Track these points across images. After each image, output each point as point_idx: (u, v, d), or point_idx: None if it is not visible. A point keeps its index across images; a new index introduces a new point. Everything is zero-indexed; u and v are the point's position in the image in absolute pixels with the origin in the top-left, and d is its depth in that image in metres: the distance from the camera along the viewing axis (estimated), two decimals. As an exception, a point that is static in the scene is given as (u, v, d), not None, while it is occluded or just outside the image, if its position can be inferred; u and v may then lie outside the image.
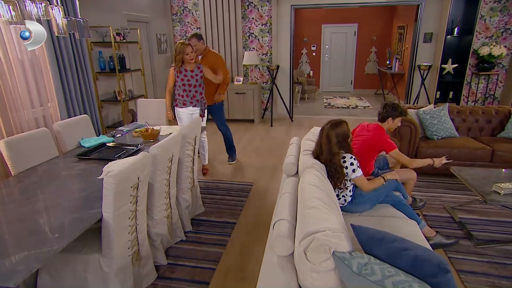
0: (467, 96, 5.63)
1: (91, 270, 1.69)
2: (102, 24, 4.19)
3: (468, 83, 5.57)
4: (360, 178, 2.12)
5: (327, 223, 1.39)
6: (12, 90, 2.97)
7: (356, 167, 2.08)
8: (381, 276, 1.18)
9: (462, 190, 3.21)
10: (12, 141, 2.20)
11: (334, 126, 2.06)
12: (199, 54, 3.46)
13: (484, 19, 5.25)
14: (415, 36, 5.65)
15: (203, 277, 2.10)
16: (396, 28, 8.26)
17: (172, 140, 2.16)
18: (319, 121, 6.23)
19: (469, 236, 2.47)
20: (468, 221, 2.68)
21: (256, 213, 2.95)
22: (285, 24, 5.91)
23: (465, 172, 2.65)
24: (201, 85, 3.43)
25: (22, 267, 1.21)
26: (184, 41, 3.26)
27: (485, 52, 5.18)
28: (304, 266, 1.28)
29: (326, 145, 2.06)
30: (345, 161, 2.07)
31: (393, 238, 1.37)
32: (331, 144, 2.05)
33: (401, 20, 7.88)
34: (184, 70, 3.34)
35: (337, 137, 2.05)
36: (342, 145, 2.07)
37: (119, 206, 1.63)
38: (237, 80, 6.07)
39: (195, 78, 3.36)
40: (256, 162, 4.14)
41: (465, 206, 2.92)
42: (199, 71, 3.37)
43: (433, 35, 5.55)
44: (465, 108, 3.81)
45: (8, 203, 1.77)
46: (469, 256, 2.26)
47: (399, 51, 7.86)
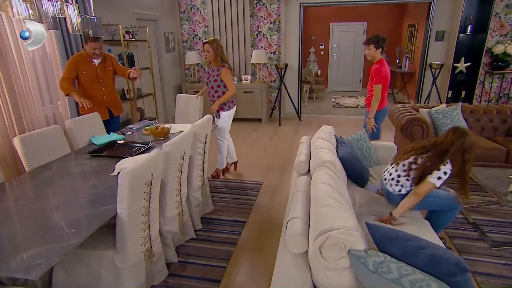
0: (480, 96, 5.57)
1: (105, 266, 1.73)
2: (111, 22, 4.25)
3: (481, 82, 5.51)
4: (430, 186, 1.97)
5: (341, 221, 1.40)
6: (24, 88, 3.03)
7: (443, 180, 1.98)
8: (397, 274, 1.18)
9: (476, 191, 3.19)
10: (27, 138, 2.26)
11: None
12: (209, 60, 3.36)
13: (499, 16, 5.18)
14: (427, 34, 5.61)
15: (214, 275, 2.12)
16: (406, 27, 8.21)
17: (184, 138, 2.19)
18: (328, 120, 6.22)
19: (484, 237, 2.46)
20: (482, 222, 2.66)
21: (266, 212, 2.97)
22: (293, 22, 5.92)
23: (479, 173, 2.63)
24: (213, 87, 3.39)
25: (41, 260, 1.24)
26: (206, 40, 3.32)
27: (499, 50, 5.12)
28: (319, 264, 1.29)
29: (457, 146, 1.94)
30: (446, 169, 1.97)
31: (408, 237, 1.37)
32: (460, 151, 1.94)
33: (411, 18, 7.82)
34: (210, 68, 3.41)
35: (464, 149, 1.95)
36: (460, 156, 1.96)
37: (133, 203, 1.66)
38: (245, 79, 6.10)
39: (210, 78, 3.39)
40: (265, 161, 4.16)
41: (479, 207, 2.90)
42: (217, 73, 3.34)
43: (445, 33, 5.51)
44: (478, 107, 3.78)
45: (23, 199, 1.82)
46: (484, 258, 2.24)
47: (409, 50, 7.80)
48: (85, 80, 3.08)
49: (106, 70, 3.19)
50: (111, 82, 3.29)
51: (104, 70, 3.18)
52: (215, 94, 3.41)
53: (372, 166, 2.91)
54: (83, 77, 3.06)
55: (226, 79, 3.33)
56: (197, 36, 6.35)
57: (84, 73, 3.05)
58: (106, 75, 3.20)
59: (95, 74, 3.12)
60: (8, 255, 1.29)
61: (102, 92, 3.19)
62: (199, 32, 6.32)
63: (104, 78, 3.19)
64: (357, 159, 2.54)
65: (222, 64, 3.32)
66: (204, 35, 6.30)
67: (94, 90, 3.14)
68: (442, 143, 1.99)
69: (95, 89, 3.14)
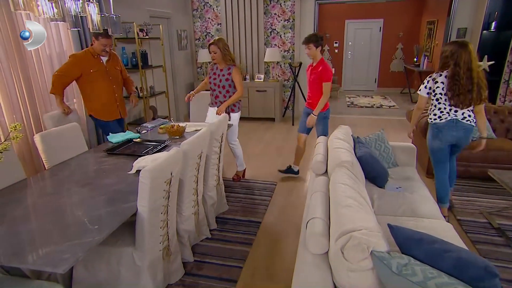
0: (504, 96, 5.46)
1: (124, 263, 1.78)
2: (125, 19, 4.34)
3: (506, 81, 5.39)
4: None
5: (362, 222, 1.41)
6: (41, 85, 3.14)
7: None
8: (422, 277, 1.19)
9: (500, 195, 3.14)
10: (46, 135, 2.34)
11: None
12: (217, 61, 3.30)
13: (526, 12, 5.07)
14: (447, 32, 5.53)
15: (231, 275, 2.16)
16: (425, 24, 8.10)
17: (201, 136, 2.24)
18: (342, 120, 6.20)
19: (509, 243, 2.42)
20: (508, 227, 2.62)
21: (281, 212, 2.99)
22: (308, 20, 5.92)
23: (505, 176, 2.59)
24: (224, 87, 3.31)
25: (68, 255, 1.30)
26: (212, 41, 3.23)
27: (525, 48, 5.01)
28: (341, 265, 1.31)
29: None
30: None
31: (433, 239, 1.37)
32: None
33: (431, 14, 7.71)
34: (216, 68, 3.36)
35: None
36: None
37: (154, 201, 1.71)
38: (258, 78, 6.13)
39: (220, 78, 3.30)
40: (278, 161, 4.18)
41: (504, 211, 2.85)
42: (227, 72, 3.28)
43: (467, 30, 5.42)
44: (503, 108, 3.71)
45: (46, 195, 1.90)
46: (510, 265, 2.21)
47: (427, 48, 7.70)
48: (95, 78, 3.01)
49: (114, 69, 3.17)
50: (121, 80, 3.26)
51: (113, 68, 3.15)
52: (227, 94, 3.34)
53: (391, 168, 2.90)
54: (92, 75, 2.98)
55: (237, 79, 3.29)
56: (209, 33, 6.42)
57: (92, 71, 2.98)
58: (115, 73, 3.17)
59: (104, 71, 3.06)
60: (36, 249, 1.36)
61: (113, 90, 3.15)
62: (212, 30, 6.38)
63: (114, 76, 3.15)
64: (375, 159, 2.55)
65: (233, 63, 3.30)
66: (216, 32, 6.37)
67: (104, 88, 3.08)
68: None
69: (105, 87, 3.09)
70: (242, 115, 6.43)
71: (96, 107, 3.11)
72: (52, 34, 3.29)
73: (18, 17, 2.85)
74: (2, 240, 1.43)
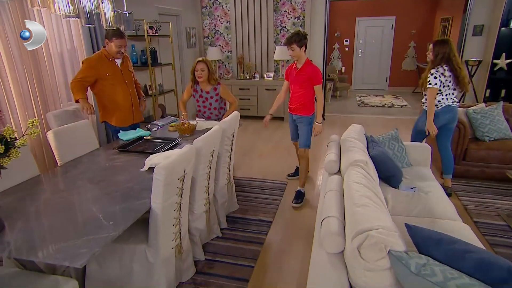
0: (522, 95, 5.37)
1: (137, 260, 1.81)
2: (135, 17, 4.36)
3: (523, 80, 5.31)
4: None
5: (379, 221, 1.41)
6: (51, 83, 3.19)
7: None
8: (442, 277, 1.18)
9: (518, 197, 3.10)
10: (59, 132, 2.39)
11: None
12: (203, 80, 3.16)
13: (545, 9, 4.98)
14: (463, 29, 5.46)
15: (242, 274, 2.17)
16: (439, 21, 8.01)
17: (213, 134, 2.26)
18: (352, 119, 6.16)
19: (528, 246, 2.39)
20: (526, 230, 2.59)
21: (292, 212, 3.00)
22: (319, 17, 5.90)
23: (523, 177, 2.56)
24: (216, 108, 3.28)
25: (84, 250, 1.33)
26: (200, 58, 3.13)
27: (544, 46, 4.93)
28: (357, 264, 1.31)
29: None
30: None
31: (453, 240, 1.36)
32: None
33: (445, 11, 7.63)
34: (200, 89, 3.25)
35: None
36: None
37: (167, 198, 1.73)
38: (267, 76, 6.14)
39: (210, 101, 3.25)
40: (289, 161, 4.18)
41: (522, 214, 2.81)
42: (215, 93, 3.22)
43: (484, 28, 5.34)
44: (522, 107, 3.66)
45: (59, 192, 1.94)
46: (528, 267, 2.18)
47: (442, 46, 7.60)
48: (111, 83, 2.86)
49: (128, 71, 3.04)
50: (134, 84, 3.12)
51: (127, 71, 3.01)
52: (221, 111, 3.34)
53: (404, 167, 2.88)
54: (107, 79, 2.84)
55: (227, 95, 3.27)
56: (218, 31, 6.45)
57: (108, 75, 2.83)
58: (130, 76, 3.04)
59: (120, 75, 2.92)
60: (53, 244, 1.39)
61: (129, 94, 2.99)
62: (221, 28, 6.41)
63: (129, 79, 3.02)
64: (389, 158, 2.53)
65: (217, 83, 3.22)
66: (225, 30, 6.39)
67: (120, 92, 2.93)
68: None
69: (122, 92, 2.94)
70: (251, 114, 6.45)
71: (112, 114, 2.97)
72: (64, 31, 3.34)
73: (31, 16, 2.91)
74: (19, 234, 1.46)
